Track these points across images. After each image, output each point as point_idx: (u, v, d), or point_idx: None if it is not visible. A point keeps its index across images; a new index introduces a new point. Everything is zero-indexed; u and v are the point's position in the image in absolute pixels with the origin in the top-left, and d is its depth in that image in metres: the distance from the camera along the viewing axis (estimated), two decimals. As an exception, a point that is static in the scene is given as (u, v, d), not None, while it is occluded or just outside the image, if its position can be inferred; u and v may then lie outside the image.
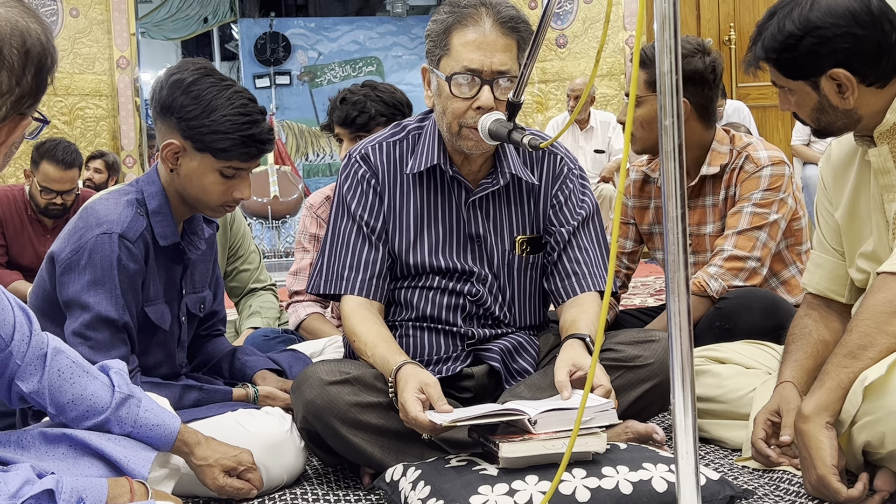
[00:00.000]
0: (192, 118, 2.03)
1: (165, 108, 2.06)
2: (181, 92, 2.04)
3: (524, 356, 2.22)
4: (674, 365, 1.28)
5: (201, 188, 2.09)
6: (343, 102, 3.02)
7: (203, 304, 2.31)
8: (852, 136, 2.06)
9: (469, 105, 2.06)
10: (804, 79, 1.96)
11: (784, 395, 2.02)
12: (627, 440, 2.02)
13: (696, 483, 1.29)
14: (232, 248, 3.27)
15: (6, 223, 4.63)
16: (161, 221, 2.11)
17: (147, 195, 2.12)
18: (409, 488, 1.82)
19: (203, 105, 2.03)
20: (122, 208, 2.07)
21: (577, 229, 2.25)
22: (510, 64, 2.05)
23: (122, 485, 1.46)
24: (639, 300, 5.24)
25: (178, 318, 2.21)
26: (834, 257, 2.17)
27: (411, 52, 13.62)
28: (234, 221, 3.25)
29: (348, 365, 2.09)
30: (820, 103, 1.97)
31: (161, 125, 2.11)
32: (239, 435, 2.05)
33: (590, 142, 7.46)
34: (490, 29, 2.04)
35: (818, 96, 1.96)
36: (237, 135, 2.03)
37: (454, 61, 2.06)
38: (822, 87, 1.95)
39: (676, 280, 1.27)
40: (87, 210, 2.08)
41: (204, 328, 2.40)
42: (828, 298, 2.18)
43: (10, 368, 1.54)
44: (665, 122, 1.27)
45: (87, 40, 8.54)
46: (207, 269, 2.31)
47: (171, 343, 2.20)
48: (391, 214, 2.22)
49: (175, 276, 2.19)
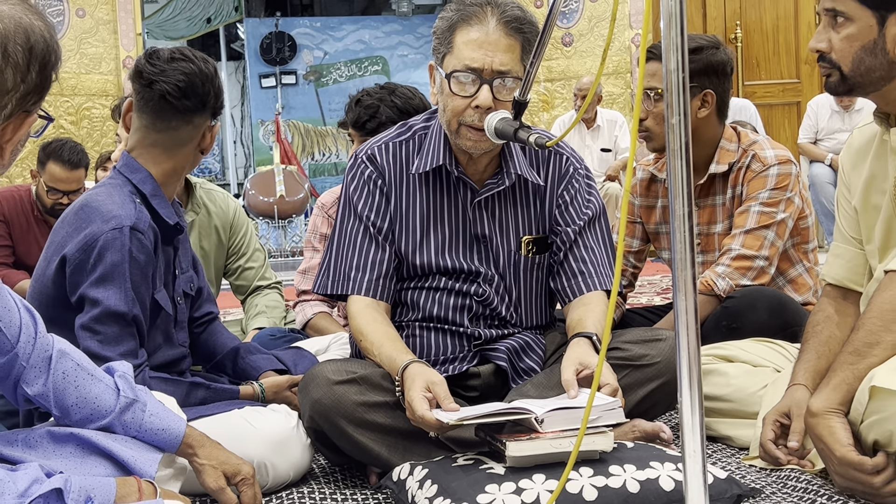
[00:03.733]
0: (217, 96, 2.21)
1: (216, 103, 2.21)
2: (214, 83, 2.19)
3: (531, 355, 2.22)
4: (681, 363, 1.28)
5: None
6: (358, 104, 3.01)
7: (192, 283, 2.33)
8: (873, 124, 2.01)
9: (468, 103, 2.06)
10: (875, 9, 1.83)
11: (796, 399, 2.00)
12: (634, 439, 2.02)
13: (704, 481, 1.29)
14: (234, 245, 3.26)
15: (13, 223, 4.63)
16: (160, 203, 2.14)
17: (137, 182, 2.12)
18: (416, 487, 1.82)
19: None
20: (124, 202, 2.06)
21: (584, 229, 2.25)
22: (511, 65, 2.05)
23: (131, 484, 1.46)
24: (645, 299, 5.23)
25: (175, 300, 2.22)
26: (853, 246, 2.12)
27: (417, 52, 13.60)
28: (235, 219, 3.24)
29: (355, 364, 2.09)
30: (874, 42, 1.85)
31: (199, 119, 2.17)
32: (245, 431, 2.05)
33: (596, 140, 7.45)
34: (493, 28, 2.04)
35: (877, 34, 1.85)
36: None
37: (456, 59, 2.06)
38: (886, 26, 1.84)
39: (683, 279, 1.27)
40: (87, 208, 2.06)
41: (195, 309, 2.39)
42: (846, 289, 2.14)
43: (15, 370, 1.54)
44: (672, 120, 1.26)
45: (94, 40, 8.55)
46: (187, 249, 2.34)
47: (169, 325, 2.20)
48: (397, 214, 2.22)
49: (169, 258, 2.21)
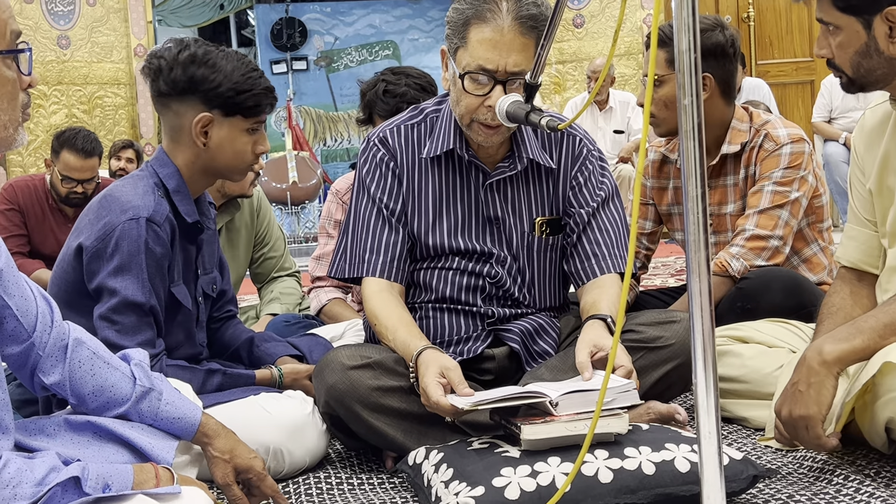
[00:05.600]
0: (217, 85, 2.10)
1: (185, 86, 2.11)
2: (197, 65, 2.10)
3: (545, 338, 2.22)
4: (695, 345, 1.27)
5: (234, 153, 2.16)
6: (387, 94, 2.97)
7: (214, 285, 2.33)
8: (887, 103, 2.00)
9: (481, 102, 2.05)
10: (858, 14, 1.85)
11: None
12: (649, 421, 2.02)
13: (719, 463, 1.29)
14: (259, 234, 3.28)
15: (28, 213, 4.66)
16: (182, 199, 2.14)
17: (164, 177, 2.13)
18: (431, 471, 1.82)
19: (223, 72, 2.11)
20: (145, 193, 2.08)
21: (597, 211, 2.24)
22: (525, 65, 2.02)
23: (148, 470, 1.46)
24: (659, 281, 5.22)
25: (196, 299, 2.23)
26: (867, 228, 2.11)
27: (427, 35, 13.54)
28: (260, 208, 3.26)
29: (369, 349, 2.10)
30: (867, 45, 1.87)
31: (178, 106, 2.13)
32: (261, 418, 2.06)
33: (609, 122, 7.42)
34: (508, 27, 2.01)
35: (866, 37, 1.86)
36: (258, 90, 2.14)
37: (470, 57, 2.04)
38: (873, 28, 1.85)
39: (697, 260, 1.26)
40: (109, 198, 2.09)
41: (216, 309, 2.41)
42: (861, 271, 2.12)
43: (32, 359, 1.55)
44: (684, 101, 1.26)
45: (105, 29, 8.56)
46: (213, 251, 2.33)
47: (191, 323, 2.21)
48: (410, 197, 2.22)
49: (191, 257, 2.21)
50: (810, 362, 1.80)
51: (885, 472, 1.85)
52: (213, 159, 2.16)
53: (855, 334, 1.81)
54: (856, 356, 1.80)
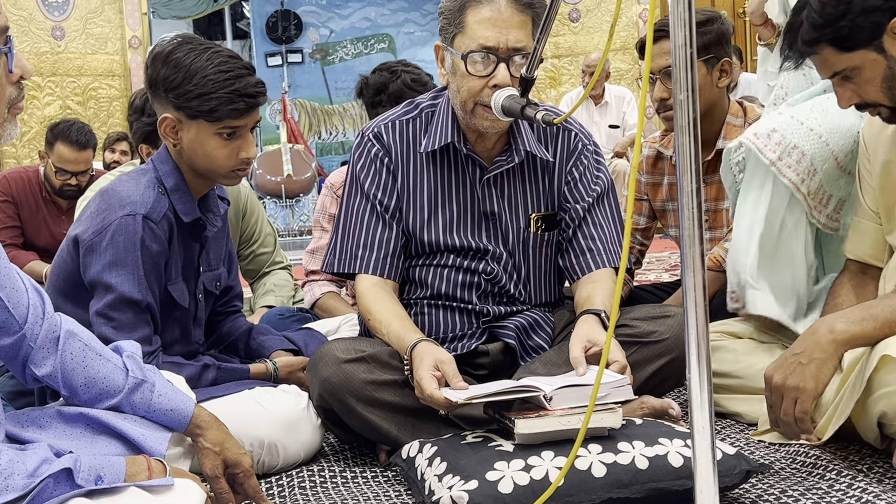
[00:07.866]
0: (176, 87, 2.03)
1: (153, 84, 2.08)
2: (161, 64, 2.05)
3: (539, 333, 2.22)
4: (689, 340, 1.27)
5: (206, 156, 2.09)
6: (415, 83, 2.92)
7: (219, 282, 2.32)
8: None
9: (485, 83, 2.04)
10: (866, 45, 1.83)
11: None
12: (643, 416, 2.02)
13: (713, 457, 1.29)
14: (245, 234, 3.26)
15: (21, 205, 4.64)
16: (180, 198, 2.12)
17: (163, 174, 2.12)
18: (425, 464, 1.82)
19: (184, 71, 2.03)
20: (144, 189, 2.07)
21: (592, 206, 2.24)
22: (525, 41, 2.03)
23: (140, 462, 1.46)
24: (653, 276, 5.22)
25: (195, 296, 2.22)
26: (874, 221, 2.10)
27: (423, 29, 13.53)
28: (247, 207, 3.23)
29: (364, 343, 2.09)
30: (889, 67, 1.83)
31: (155, 103, 2.12)
32: (256, 413, 2.06)
33: (604, 117, 7.42)
34: (505, 6, 2.02)
35: (885, 59, 1.83)
36: (221, 93, 2.02)
37: (469, 39, 2.04)
38: (886, 48, 1.82)
39: (692, 255, 1.26)
40: (108, 192, 2.08)
41: (220, 304, 2.40)
42: (866, 264, 2.12)
43: (23, 351, 1.54)
44: (680, 96, 1.26)
45: (99, 20, 8.54)
46: (222, 247, 2.32)
47: (188, 320, 2.21)
48: (405, 193, 2.21)
49: (193, 254, 2.20)
50: (819, 337, 1.78)
51: (878, 467, 1.85)
52: (191, 160, 2.11)
53: (867, 319, 1.79)
54: (864, 341, 1.79)
